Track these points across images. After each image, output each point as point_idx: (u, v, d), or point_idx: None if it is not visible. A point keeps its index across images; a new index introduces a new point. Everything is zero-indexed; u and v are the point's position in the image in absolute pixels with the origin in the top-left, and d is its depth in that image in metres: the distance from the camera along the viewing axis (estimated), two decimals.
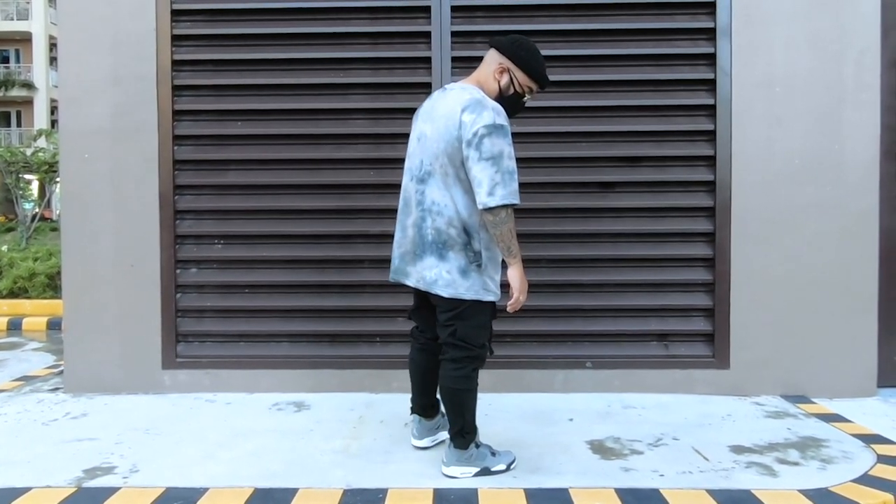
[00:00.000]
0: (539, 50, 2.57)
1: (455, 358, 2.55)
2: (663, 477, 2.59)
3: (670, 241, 3.76)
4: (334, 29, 3.76)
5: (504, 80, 2.53)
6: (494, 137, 2.36)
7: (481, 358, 2.59)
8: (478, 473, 2.58)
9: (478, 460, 2.60)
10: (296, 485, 2.52)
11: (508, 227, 2.40)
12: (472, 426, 2.62)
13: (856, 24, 3.62)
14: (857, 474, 2.61)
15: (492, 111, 2.39)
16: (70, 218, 3.76)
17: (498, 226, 2.40)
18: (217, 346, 3.81)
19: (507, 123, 2.41)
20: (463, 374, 2.55)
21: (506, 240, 2.42)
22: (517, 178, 2.41)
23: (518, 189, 2.41)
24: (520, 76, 2.53)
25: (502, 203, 2.35)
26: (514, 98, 2.56)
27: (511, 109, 2.56)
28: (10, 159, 11.15)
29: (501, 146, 2.37)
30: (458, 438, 2.59)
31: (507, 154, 2.38)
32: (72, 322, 3.77)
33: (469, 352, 2.54)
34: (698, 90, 3.73)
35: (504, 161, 2.37)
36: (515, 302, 2.50)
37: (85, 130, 3.73)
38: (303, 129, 3.79)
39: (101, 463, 2.75)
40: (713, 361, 3.71)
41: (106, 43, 3.72)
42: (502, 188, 2.35)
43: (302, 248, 3.80)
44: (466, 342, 2.53)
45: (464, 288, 2.48)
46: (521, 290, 2.49)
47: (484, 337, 2.58)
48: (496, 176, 2.35)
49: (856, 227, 3.64)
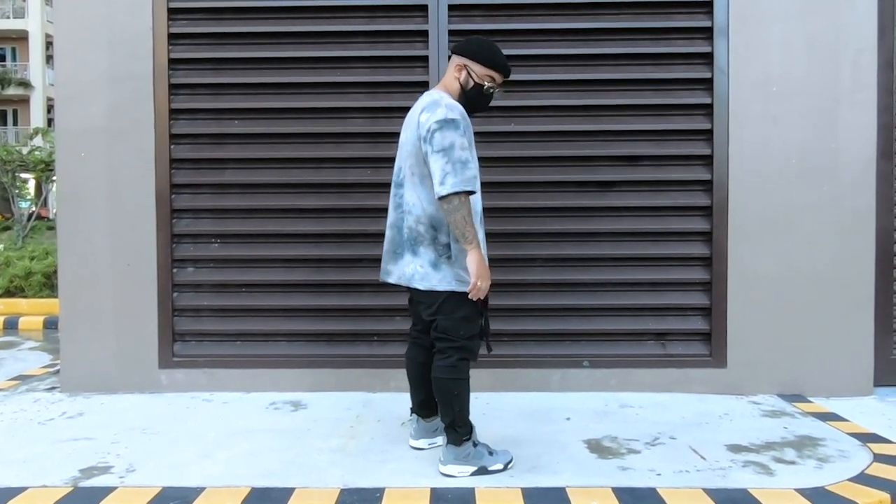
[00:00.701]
0: (495, 44, 2.68)
1: (441, 349, 2.63)
2: (660, 476, 2.59)
3: (667, 240, 3.76)
4: (331, 27, 3.76)
5: (463, 76, 2.65)
6: (445, 131, 2.48)
7: (467, 349, 2.62)
8: (475, 472, 2.59)
9: (475, 459, 2.61)
10: (293, 484, 2.52)
11: (461, 215, 2.47)
12: (465, 421, 2.63)
13: (852, 24, 3.62)
14: (854, 473, 2.62)
15: (444, 108, 2.51)
16: (66, 217, 3.75)
17: (451, 213, 2.48)
18: (214, 346, 3.81)
19: (459, 118, 2.51)
20: (448, 364, 2.60)
21: (459, 226, 2.48)
22: (472, 168, 2.50)
23: (473, 177, 2.49)
24: (476, 68, 2.63)
25: (453, 191, 2.44)
26: (477, 91, 2.65)
27: (477, 102, 2.69)
28: (7, 158, 11.11)
29: (452, 138, 2.47)
30: (450, 432, 2.62)
31: (459, 145, 2.48)
32: (68, 321, 3.76)
33: (451, 343, 2.61)
34: (695, 89, 3.74)
35: (455, 152, 2.47)
36: (473, 287, 2.51)
37: (81, 129, 3.72)
38: (300, 128, 3.78)
39: (98, 462, 2.75)
40: (710, 360, 3.71)
41: (102, 41, 3.71)
42: (452, 177, 2.45)
43: (299, 247, 3.80)
44: (448, 334, 2.61)
45: (436, 280, 2.58)
46: (477, 276, 2.49)
47: (468, 329, 2.61)
48: (447, 166, 2.46)
49: (852, 226, 3.65)
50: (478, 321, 2.65)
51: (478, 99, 2.68)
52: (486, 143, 3.76)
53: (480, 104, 2.71)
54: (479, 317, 2.65)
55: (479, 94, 2.66)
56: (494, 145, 3.77)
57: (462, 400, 2.62)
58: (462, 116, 2.53)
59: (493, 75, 2.65)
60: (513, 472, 2.61)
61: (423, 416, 2.90)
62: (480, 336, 2.68)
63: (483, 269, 2.51)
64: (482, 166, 3.69)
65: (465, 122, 2.54)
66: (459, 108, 2.56)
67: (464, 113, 2.56)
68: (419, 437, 2.89)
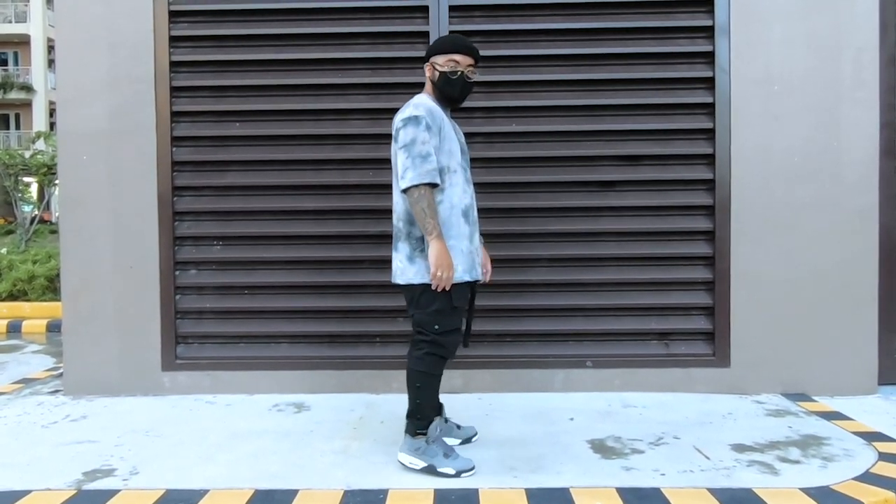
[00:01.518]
0: (458, 34, 2.80)
1: (414, 340, 2.69)
2: (664, 476, 2.58)
3: (670, 239, 3.76)
4: (332, 29, 3.76)
5: (431, 74, 2.73)
6: (408, 127, 2.58)
7: (438, 343, 2.63)
8: (424, 469, 2.62)
9: (426, 455, 2.64)
10: (296, 486, 2.52)
11: (421, 207, 2.52)
12: (424, 415, 2.66)
13: (854, 21, 3.61)
14: (859, 472, 2.60)
15: (411, 107, 2.63)
16: (69, 220, 3.75)
17: (413, 205, 2.54)
18: (217, 348, 3.81)
19: (423, 114, 2.58)
20: (417, 356, 2.65)
21: (420, 218, 2.54)
22: (432, 161, 2.55)
23: (433, 170, 2.54)
24: (438, 59, 2.70)
25: (412, 184, 2.52)
26: (445, 79, 2.68)
27: (451, 90, 2.70)
28: (9, 162, 11.14)
29: (413, 134, 2.56)
30: (408, 421, 2.70)
31: (420, 140, 2.55)
32: (71, 324, 3.76)
33: (424, 336, 2.64)
34: (697, 88, 3.73)
35: (416, 146, 2.55)
36: (433, 277, 2.54)
37: (83, 132, 3.72)
38: (301, 130, 3.78)
39: (101, 465, 2.75)
40: (713, 360, 3.70)
41: (104, 45, 3.71)
42: (412, 170, 2.53)
43: (301, 248, 3.80)
44: (422, 327, 2.65)
45: (412, 273, 2.63)
46: (437, 266, 2.52)
47: (443, 323, 2.62)
48: (407, 161, 2.55)
49: (855, 224, 3.64)
50: (456, 317, 2.65)
51: (449, 86, 2.69)
52: (488, 144, 3.76)
53: (455, 91, 2.71)
54: (456, 313, 2.65)
55: (448, 82, 2.69)
56: (497, 146, 3.77)
57: (424, 394, 2.66)
58: (428, 113, 2.59)
59: (454, 59, 2.67)
60: (517, 473, 2.61)
61: (441, 415, 2.89)
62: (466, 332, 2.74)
63: (443, 258, 2.52)
64: (485, 166, 3.73)
65: (432, 118, 2.60)
66: (427, 106, 2.62)
67: (431, 110, 2.61)
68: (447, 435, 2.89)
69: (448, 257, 2.54)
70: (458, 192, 2.67)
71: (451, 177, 2.66)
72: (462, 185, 2.69)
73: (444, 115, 2.69)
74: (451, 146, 2.67)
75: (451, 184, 2.66)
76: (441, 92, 2.71)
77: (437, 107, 2.68)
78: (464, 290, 2.67)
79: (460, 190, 2.68)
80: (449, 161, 2.66)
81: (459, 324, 2.68)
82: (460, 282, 2.63)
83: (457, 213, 2.66)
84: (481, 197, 3.71)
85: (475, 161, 3.72)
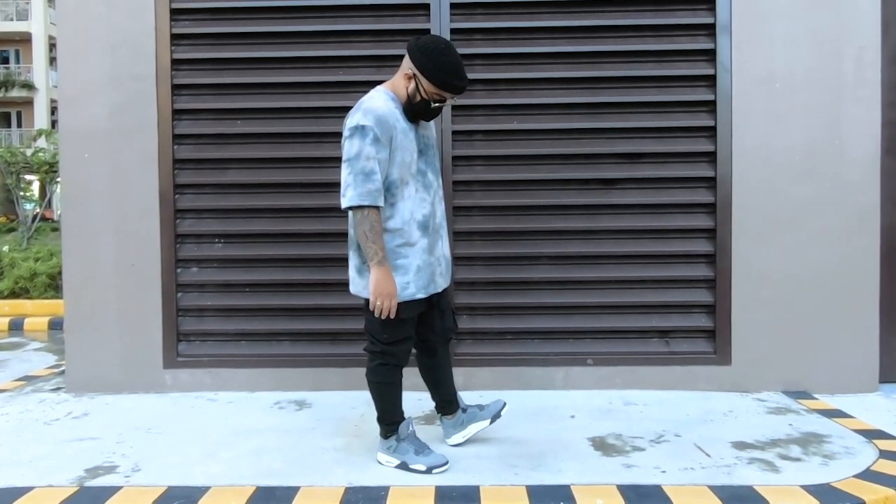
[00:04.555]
0: (452, 53, 2.43)
1: (367, 349, 2.67)
2: (665, 473, 2.59)
3: (671, 237, 3.76)
4: (334, 27, 3.76)
5: (411, 87, 2.48)
6: (354, 139, 2.39)
7: (388, 353, 2.60)
8: (398, 466, 2.64)
9: (397, 453, 2.65)
10: (298, 483, 2.52)
11: (363, 230, 2.39)
12: (391, 418, 2.67)
13: (856, 19, 3.61)
14: (860, 470, 2.61)
15: (361, 113, 2.41)
16: (70, 218, 3.76)
17: (356, 227, 2.43)
18: (218, 345, 3.81)
19: (371, 124, 2.37)
20: (371, 367, 2.65)
21: (362, 241, 2.41)
22: (375, 180, 2.37)
23: (375, 191, 2.37)
24: (425, 84, 2.45)
25: (351, 205, 2.38)
26: (423, 105, 2.49)
27: (424, 115, 2.56)
28: (11, 160, 11.14)
29: (359, 147, 2.37)
30: (379, 424, 2.71)
31: (365, 155, 2.37)
32: (73, 322, 3.77)
33: (373, 345, 2.63)
34: (698, 86, 3.73)
35: (359, 162, 2.37)
36: (372, 305, 2.45)
37: (85, 130, 3.73)
38: (303, 128, 3.78)
39: (103, 462, 2.76)
40: (714, 358, 3.70)
41: (105, 42, 3.71)
42: (353, 189, 2.38)
43: (303, 246, 3.80)
44: (371, 335, 2.63)
45: (360, 286, 2.59)
46: (375, 295, 2.42)
47: (391, 332, 2.57)
48: (349, 178, 2.39)
49: (857, 223, 3.63)
50: (404, 328, 2.59)
51: (424, 113, 2.53)
52: (488, 141, 3.76)
53: (426, 117, 2.57)
54: (404, 323, 2.58)
55: (424, 109, 2.51)
56: (497, 143, 3.77)
57: (382, 402, 2.66)
58: (377, 122, 2.38)
59: (442, 94, 2.47)
60: (517, 471, 2.61)
61: (446, 414, 2.91)
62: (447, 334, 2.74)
63: (383, 287, 2.41)
64: (486, 164, 3.73)
65: (383, 127, 2.39)
66: (378, 112, 2.40)
67: (383, 117, 2.41)
68: (450, 434, 2.90)
69: (389, 285, 2.43)
70: (410, 204, 2.52)
71: (403, 189, 2.50)
72: (418, 195, 2.54)
73: (398, 119, 2.47)
74: (403, 156, 2.47)
75: (403, 197, 2.50)
76: (411, 109, 2.51)
77: (394, 110, 2.47)
78: (415, 304, 2.57)
79: (415, 201, 2.53)
80: (401, 172, 2.48)
81: (409, 333, 2.62)
82: (411, 300, 2.55)
83: (411, 227, 2.53)
84: (482, 195, 3.72)
85: (476, 159, 3.73)
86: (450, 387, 2.88)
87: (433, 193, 2.63)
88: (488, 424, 2.88)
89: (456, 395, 2.90)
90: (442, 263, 2.70)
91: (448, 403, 2.89)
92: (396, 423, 2.68)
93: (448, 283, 2.77)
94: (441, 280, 2.69)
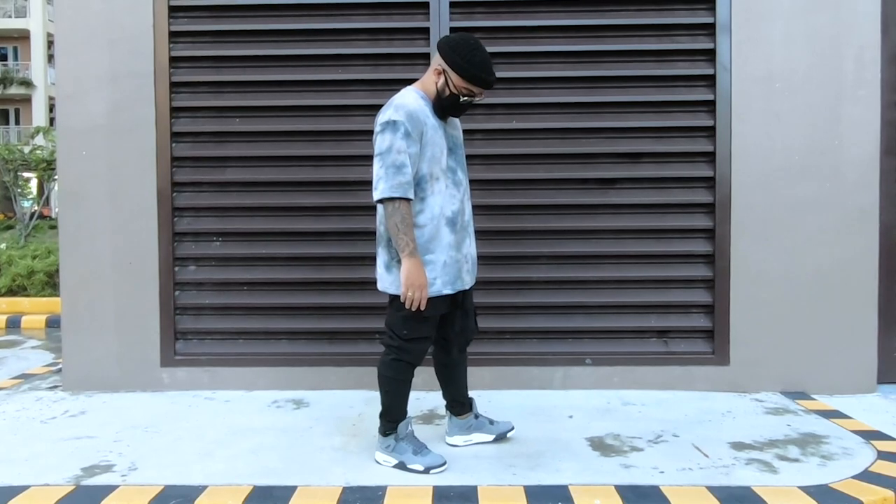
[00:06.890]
0: (480, 49, 2.51)
1: (384, 343, 2.68)
2: (663, 474, 2.59)
3: (670, 237, 3.75)
4: (332, 25, 3.75)
5: (440, 83, 2.55)
6: (385, 133, 2.45)
7: (404, 350, 2.60)
8: (396, 465, 2.64)
9: (395, 453, 2.65)
10: (295, 482, 2.52)
11: (394, 222, 2.43)
12: (394, 415, 2.66)
13: (855, 19, 3.60)
14: (858, 470, 2.61)
15: (393, 109, 2.47)
16: (68, 216, 3.75)
17: (387, 218, 2.47)
18: (216, 344, 3.81)
19: (403, 119, 2.44)
20: (385, 361, 2.65)
21: (393, 232, 2.45)
22: (406, 173, 2.43)
23: (406, 183, 2.43)
24: (454, 78, 2.52)
25: (382, 197, 2.43)
26: (452, 99, 2.55)
27: (451, 110, 2.61)
28: (9, 157, 11.10)
29: (390, 141, 2.43)
30: (380, 419, 2.70)
31: (396, 149, 2.43)
32: (70, 320, 3.76)
33: (392, 340, 2.63)
34: (698, 86, 3.72)
35: (390, 156, 2.43)
36: (403, 296, 2.48)
37: (82, 128, 3.72)
38: (301, 126, 3.78)
39: (100, 461, 2.75)
40: (713, 358, 3.70)
41: (103, 40, 3.70)
42: (384, 182, 2.43)
43: (301, 244, 3.79)
44: (391, 330, 2.63)
45: (388, 282, 2.60)
46: (407, 286, 2.45)
47: (411, 329, 2.58)
48: (380, 171, 2.44)
49: (856, 223, 3.63)
50: (425, 326, 2.60)
51: (453, 108, 2.59)
52: (488, 140, 3.76)
53: (456, 112, 2.63)
54: (426, 322, 2.59)
55: (454, 104, 2.57)
56: (496, 142, 3.76)
57: (391, 397, 2.65)
58: (408, 117, 2.45)
59: (472, 89, 2.54)
60: (515, 471, 2.61)
61: (456, 414, 2.90)
62: (466, 335, 2.74)
63: (414, 278, 2.44)
64: (485, 163, 3.73)
65: (414, 122, 2.46)
66: (409, 108, 2.47)
67: (414, 113, 2.47)
68: (454, 434, 2.90)
69: (421, 276, 2.46)
70: (440, 199, 2.56)
71: (433, 184, 2.54)
72: (448, 191, 2.59)
73: (428, 115, 2.54)
74: (433, 151, 2.53)
75: (433, 192, 2.55)
76: (441, 105, 2.58)
77: (424, 107, 2.54)
78: (441, 301, 2.59)
79: (444, 197, 2.58)
80: (431, 167, 2.53)
81: (428, 333, 2.63)
82: (438, 295, 2.56)
83: (440, 222, 2.56)
84: (481, 194, 3.71)
85: (475, 158, 3.72)
86: (462, 388, 2.89)
87: (462, 191, 2.68)
88: (490, 440, 2.90)
89: (468, 397, 2.92)
90: (469, 261, 2.72)
91: (460, 404, 2.89)
92: (398, 420, 2.67)
93: (474, 282, 2.79)
94: (468, 277, 2.71)
